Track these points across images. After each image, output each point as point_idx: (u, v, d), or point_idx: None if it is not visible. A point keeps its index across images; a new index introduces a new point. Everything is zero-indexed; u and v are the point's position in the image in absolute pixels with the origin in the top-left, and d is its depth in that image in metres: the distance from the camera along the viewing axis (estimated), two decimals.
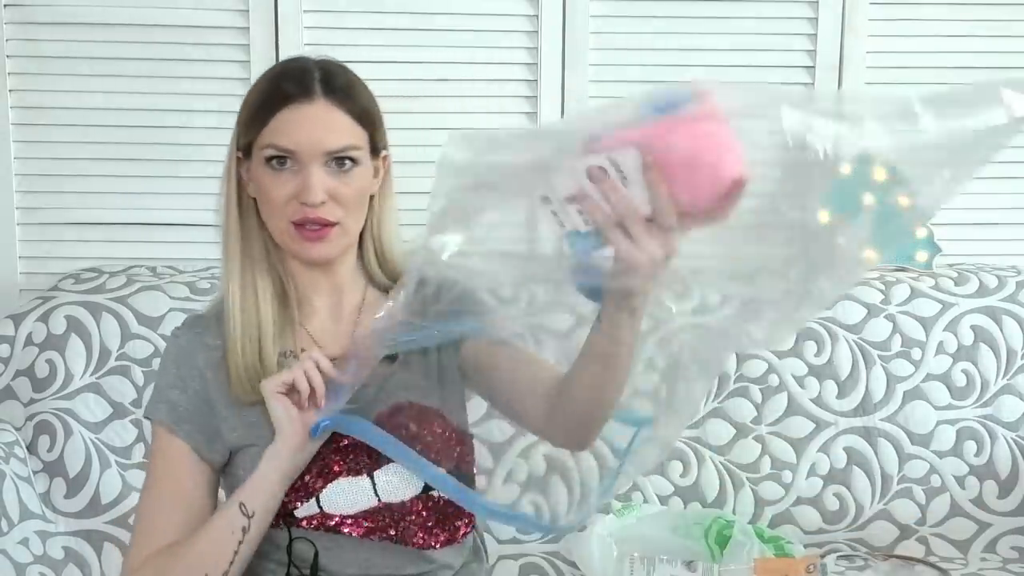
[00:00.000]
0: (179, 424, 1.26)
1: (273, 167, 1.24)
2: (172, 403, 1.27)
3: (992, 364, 2.00)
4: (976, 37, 2.18)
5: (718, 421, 1.95)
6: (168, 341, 1.34)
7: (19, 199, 2.10)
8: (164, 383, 1.29)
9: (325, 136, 1.24)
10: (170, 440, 1.27)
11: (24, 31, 2.05)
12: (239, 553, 1.20)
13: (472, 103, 2.13)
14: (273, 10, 2.06)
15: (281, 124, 1.23)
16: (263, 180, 1.25)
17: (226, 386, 1.27)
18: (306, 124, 1.23)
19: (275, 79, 1.27)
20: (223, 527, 1.21)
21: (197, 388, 1.28)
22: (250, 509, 1.20)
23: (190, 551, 1.20)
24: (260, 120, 1.25)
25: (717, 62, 2.15)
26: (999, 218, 2.24)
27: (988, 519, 1.94)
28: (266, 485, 1.21)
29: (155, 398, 1.30)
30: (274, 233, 1.29)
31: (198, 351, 1.29)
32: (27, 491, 1.73)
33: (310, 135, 1.23)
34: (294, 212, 1.24)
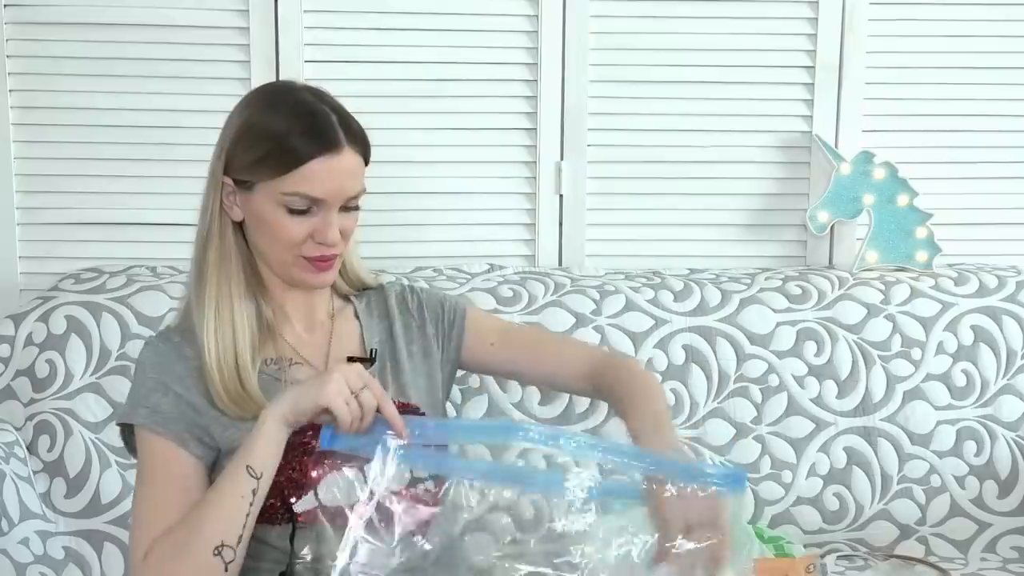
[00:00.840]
0: (164, 424, 1.27)
1: (293, 212, 1.28)
2: (153, 406, 1.28)
3: (992, 364, 2.00)
4: (976, 37, 2.18)
5: (718, 421, 1.95)
6: (143, 351, 1.35)
7: (19, 199, 2.10)
8: (143, 389, 1.30)
9: (349, 184, 1.30)
10: (156, 440, 1.27)
11: (24, 31, 2.05)
12: (250, 515, 1.20)
13: (472, 103, 2.13)
14: (273, 10, 2.06)
15: (309, 176, 1.26)
16: (275, 219, 1.29)
17: (208, 394, 1.29)
18: (336, 176, 1.28)
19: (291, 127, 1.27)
20: (232, 493, 1.20)
21: (179, 391, 1.29)
22: (258, 470, 1.20)
23: (203, 523, 1.19)
24: (280, 167, 1.27)
25: (717, 62, 2.16)
26: (999, 218, 2.24)
27: (988, 519, 1.94)
28: (269, 445, 1.21)
29: (133, 403, 1.30)
30: (273, 263, 1.34)
31: (176, 360, 1.31)
32: (27, 491, 1.73)
33: (340, 185, 1.29)
34: (311, 249, 1.31)
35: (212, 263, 1.32)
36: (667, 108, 2.17)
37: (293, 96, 1.32)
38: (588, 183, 2.16)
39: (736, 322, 1.98)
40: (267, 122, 1.29)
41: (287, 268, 1.33)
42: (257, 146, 1.28)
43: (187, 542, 1.19)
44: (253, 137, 1.29)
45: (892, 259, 2.15)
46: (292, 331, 1.38)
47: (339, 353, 1.38)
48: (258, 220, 1.30)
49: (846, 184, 2.14)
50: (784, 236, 2.22)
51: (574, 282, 2.03)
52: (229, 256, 1.33)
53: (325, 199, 1.28)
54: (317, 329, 1.40)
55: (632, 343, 1.95)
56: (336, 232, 1.29)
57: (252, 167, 1.29)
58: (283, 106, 1.30)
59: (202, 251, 1.34)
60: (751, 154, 2.19)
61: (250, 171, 1.29)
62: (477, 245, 2.15)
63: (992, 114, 2.21)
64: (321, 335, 1.40)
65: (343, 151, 1.28)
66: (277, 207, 1.28)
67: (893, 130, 2.20)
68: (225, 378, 1.28)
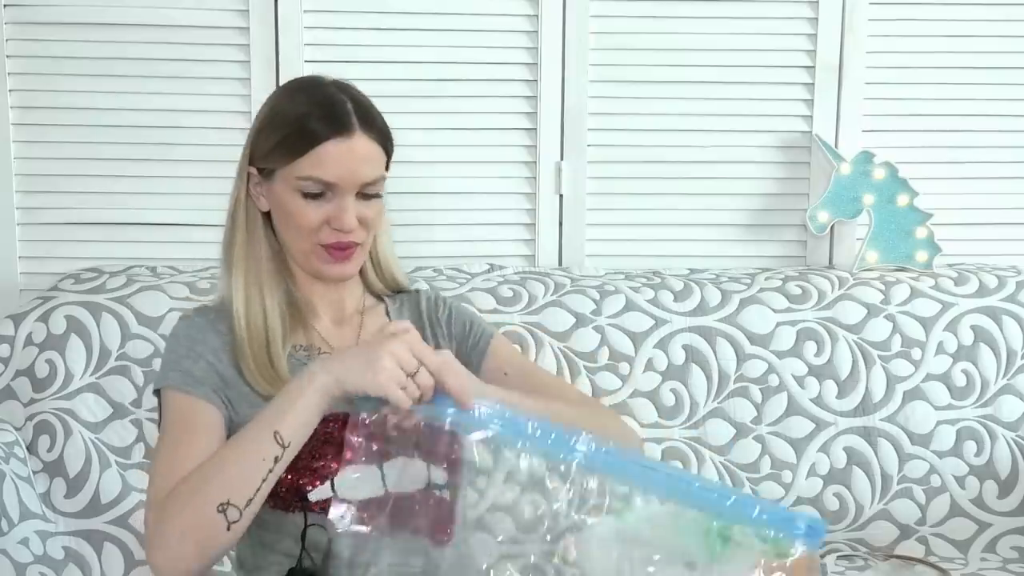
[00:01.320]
0: (195, 386, 1.27)
1: (308, 196, 1.30)
2: (185, 371, 1.28)
3: (992, 364, 2.00)
4: (976, 37, 2.18)
5: (718, 421, 1.95)
6: (177, 324, 1.36)
7: (19, 199, 2.10)
8: (175, 355, 1.30)
9: (363, 169, 1.31)
10: (185, 399, 1.26)
11: (24, 31, 2.05)
12: (266, 481, 1.15)
13: (472, 103, 2.13)
14: (273, 10, 2.06)
15: (323, 158, 1.28)
16: (292, 205, 1.31)
17: (239, 368, 1.30)
18: (348, 159, 1.29)
19: (309, 112, 1.30)
20: (253, 454, 1.15)
21: (211, 360, 1.30)
22: (286, 439, 1.16)
23: (214, 476, 1.15)
24: (295, 151, 1.29)
25: (717, 62, 2.16)
26: (999, 218, 2.24)
27: (988, 519, 1.94)
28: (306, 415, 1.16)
29: (165, 368, 1.30)
30: (295, 252, 1.35)
31: (209, 332, 1.32)
32: (27, 491, 1.73)
33: (351, 169, 1.29)
34: (327, 236, 1.31)
35: (239, 252, 1.35)
36: (667, 108, 2.17)
37: (316, 87, 1.35)
38: (588, 183, 2.16)
39: (736, 322, 1.98)
40: (287, 109, 1.32)
41: (307, 258, 1.34)
42: (276, 132, 1.31)
43: (194, 491, 1.14)
44: (273, 124, 1.33)
45: (892, 259, 2.15)
46: (321, 323, 1.39)
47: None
48: (278, 208, 1.33)
49: (846, 184, 2.14)
50: (784, 236, 2.22)
51: (574, 282, 2.03)
52: (257, 246, 1.35)
53: (337, 183, 1.29)
54: (346, 323, 1.41)
55: (632, 343, 1.95)
56: (351, 218, 1.30)
57: (271, 153, 1.31)
58: (304, 94, 1.33)
59: (230, 242, 1.37)
60: (751, 154, 2.19)
61: (270, 158, 1.32)
62: (477, 245, 2.15)
63: (992, 114, 2.21)
64: (350, 329, 1.41)
65: (355, 135, 1.29)
66: (293, 193, 1.30)
67: (893, 130, 2.20)
68: (256, 355, 1.29)
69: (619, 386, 1.93)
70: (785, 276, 2.08)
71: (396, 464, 1.28)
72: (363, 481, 1.25)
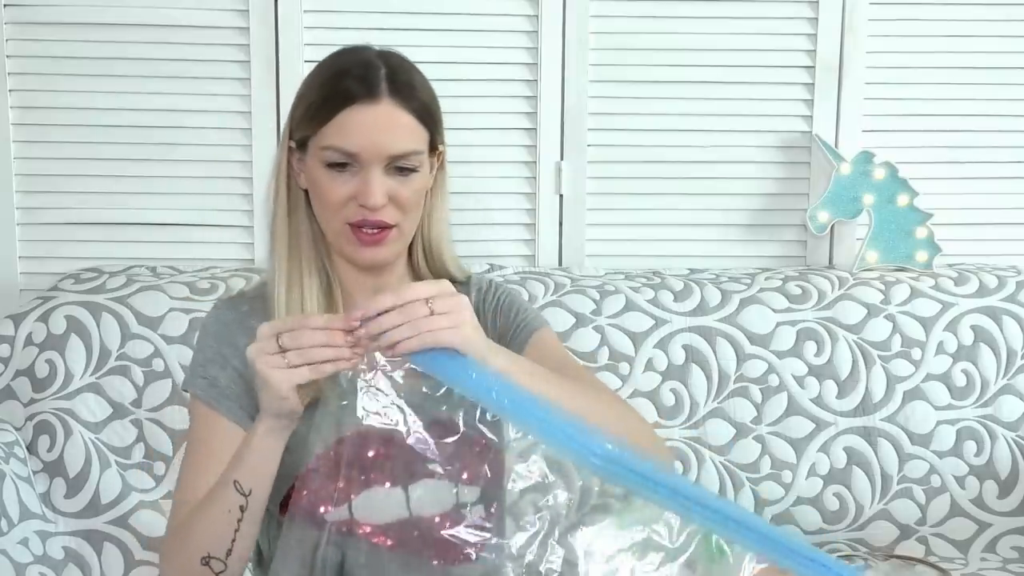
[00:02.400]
0: (219, 400, 1.24)
1: (332, 167, 1.21)
2: (211, 379, 1.25)
3: (992, 364, 2.00)
4: (976, 37, 2.18)
5: (718, 421, 1.94)
6: (209, 315, 1.31)
7: (19, 199, 2.10)
8: (203, 358, 1.27)
9: (389, 140, 1.20)
10: (207, 414, 1.24)
11: (24, 31, 2.05)
12: (240, 531, 1.14)
13: (472, 103, 2.13)
14: (273, 10, 2.06)
15: (343, 124, 1.20)
16: (320, 179, 1.22)
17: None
18: (370, 126, 1.20)
19: (338, 74, 1.22)
20: (219, 508, 1.15)
21: (236, 366, 1.25)
22: (246, 487, 1.14)
23: (191, 532, 1.16)
24: (320, 117, 1.21)
25: (717, 62, 2.16)
26: (999, 218, 2.24)
27: (988, 519, 1.94)
28: (260, 459, 1.14)
29: (194, 372, 1.27)
30: (327, 231, 1.27)
31: (239, 331, 1.26)
32: (27, 491, 1.73)
33: (374, 138, 1.20)
34: (353, 213, 1.22)
35: (280, 233, 1.27)
36: (667, 108, 2.17)
37: (355, 52, 1.26)
38: (588, 183, 2.16)
39: (736, 322, 1.98)
40: (319, 75, 1.25)
41: (338, 239, 1.25)
42: (306, 101, 1.24)
43: (181, 545, 1.16)
44: (305, 93, 1.25)
45: (892, 259, 2.15)
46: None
47: None
48: (311, 184, 1.24)
49: (846, 184, 2.14)
50: (784, 236, 2.22)
51: (574, 282, 2.03)
52: (299, 227, 1.27)
53: (359, 153, 1.19)
54: None
55: (632, 343, 1.95)
56: (377, 194, 1.20)
57: (301, 124, 1.24)
58: (340, 58, 1.25)
59: (273, 221, 1.29)
60: (751, 154, 2.19)
61: (302, 125, 1.24)
62: (477, 245, 2.15)
63: (992, 114, 2.21)
64: None
65: (379, 101, 1.20)
66: (320, 165, 1.21)
67: (893, 130, 2.20)
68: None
69: (619, 386, 1.93)
70: (785, 276, 2.08)
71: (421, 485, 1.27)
72: (386, 503, 1.22)
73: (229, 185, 2.11)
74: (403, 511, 1.23)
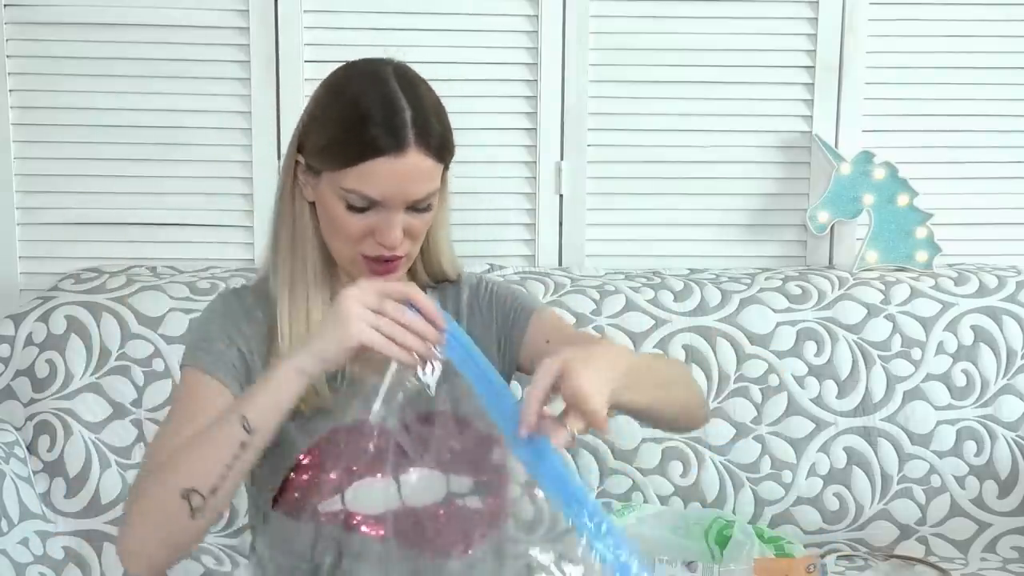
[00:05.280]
0: (227, 372, 1.23)
1: (351, 206, 1.22)
2: (217, 353, 1.24)
3: (992, 364, 2.00)
4: (976, 37, 2.18)
5: (718, 421, 1.94)
6: (215, 301, 1.32)
7: (19, 199, 2.09)
8: (208, 334, 1.26)
9: (413, 188, 1.22)
10: (207, 382, 1.22)
11: (24, 31, 2.05)
12: (232, 469, 1.10)
13: (472, 103, 2.13)
14: (273, 10, 2.06)
15: (370, 174, 1.19)
16: (336, 212, 1.23)
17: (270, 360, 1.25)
18: (397, 177, 1.20)
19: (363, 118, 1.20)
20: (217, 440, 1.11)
21: (241, 347, 1.25)
22: (252, 424, 1.10)
23: (180, 462, 1.11)
24: (342, 160, 1.20)
25: (717, 62, 2.15)
26: (999, 218, 2.24)
27: (988, 519, 1.94)
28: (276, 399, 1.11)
29: (196, 347, 1.25)
30: (336, 254, 1.28)
31: (244, 318, 1.28)
32: (27, 491, 1.73)
33: (401, 188, 1.21)
34: (369, 248, 1.24)
35: (285, 244, 1.28)
36: (667, 108, 2.17)
37: (377, 81, 1.23)
38: (588, 183, 2.16)
39: (736, 322, 1.98)
40: (343, 106, 1.22)
41: (345, 263, 1.27)
42: (324, 132, 1.23)
43: (162, 474, 1.12)
44: (324, 120, 1.24)
45: (892, 259, 2.15)
46: None
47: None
48: (323, 208, 1.25)
49: (846, 184, 2.14)
50: (784, 236, 2.22)
51: (574, 282, 2.03)
52: (304, 237, 1.27)
53: (383, 201, 1.21)
54: None
55: (632, 343, 1.95)
56: (396, 234, 1.22)
57: (318, 154, 1.23)
58: (365, 92, 1.23)
59: (276, 230, 1.29)
60: (751, 154, 2.19)
61: (316, 157, 1.23)
62: (477, 245, 2.15)
63: (992, 114, 2.21)
64: None
65: (408, 152, 1.19)
66: (338, 201, 1.22)
67: (893, 130, 2.20)
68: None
69: None
70: (785, 276, 2.08)
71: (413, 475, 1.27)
72: (378, 493, 1.24)
73: (229, 185, 2.11)
74: (395, 501, 1.24)
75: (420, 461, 1.25)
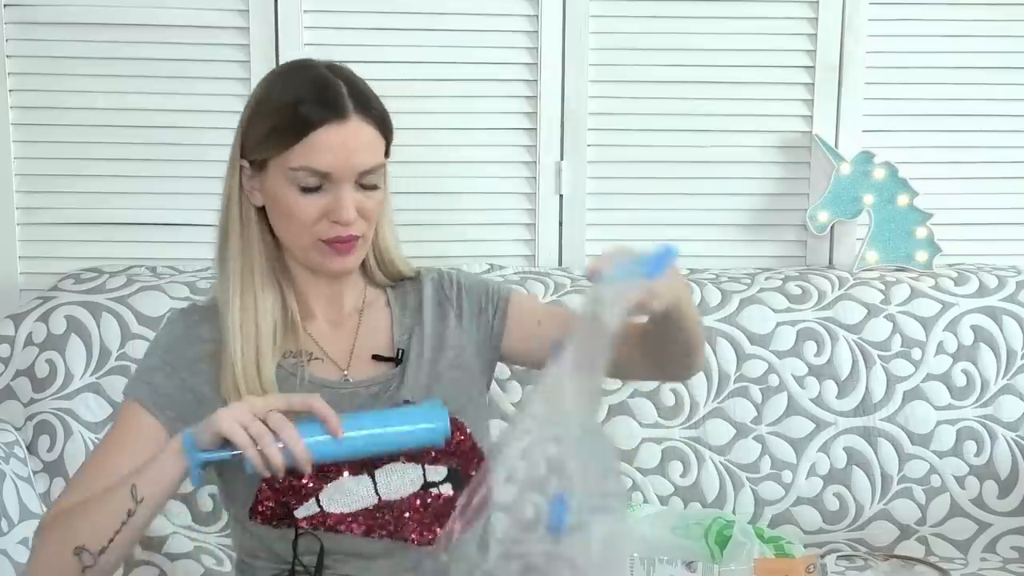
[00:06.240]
0: (160, 409, 1.24)
1: (304, 190, 1.22)
2: (155, 385, 1.26)
3: (992, 364, 2.00)
4: (976, 37, 2.18)
5: (718, 421, 1.95)
6: (162, 328, 1.33)
7: (19, 199, 2.10)
8: (149, 365, 1.28)
9: (359, 156, 1.22)
10: (142, 418, 1.24)
11: (24, 31, 2.05)
12: (120, 533, 1.14)
13: (472, 103, 2.13)
14: (273, 10, 2.06)
15: (314, 145, 1.20)
16: (288, 199, 1.23)
17: (217, 381, 1.25)
18: (341, 145, 1.21)
19: (300, 96, 1.22)
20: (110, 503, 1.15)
21: (184, 377, 1.26)
22: (139, 494, 1.13)
23: (76, 518, 1.16)
24: (286, 139, 1.21)
25: (717, 62, 2.16)
26: (999, 218, 2.24)
27: (988, 519, 1.94)
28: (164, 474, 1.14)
29: (137, 378, 1.28)
30: (293, 248, 1.28)
31: (189, 343, 1.28)
32: (27, 491, 1.73)
33: (347, 157, 1.21)
34: (325, 230, 1.24)
35: (234, 252, 1.28)
36: (667, 108, 2.17)
37: (306, 69, 1.27)
38: (588, 183, 2.16)
39: (736, 322, 1.98)
40: (276, 94, 1.25)
41: (306, 253, 1.26)
42: (266, 119, 1.23)
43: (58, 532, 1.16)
44: (263, 111, 1.25)
45: (892, 259, 2.15)
46: (315, 325, 1.33)
47: (363, 350, 1.33)
48: (273, 202, 1.25)
49: (846, 184, 2.14)
50: (784, 236, 2.22)
51: (574, 282, 2.03)
52: (251, 244, 1.28)
53: (332, 172, 1.21)
54: (343, 323, 1.34)
55: None
56: (351, 210, 1.22)
57: (263, 142, 1.24)
58: (294, 78, 1.25)
59: (224, 239, 1.29)
60: (751, 154, 2.19)
61: (261, 147, 1.24)
62: (477, 245, 2.15)
63: (992, 114, 2.21)
64: (346, 330, 1.34)
65: (349, 120, 1.21)
66: (289, 185, 1.22)
67: (893, 130, 2.20)
68: (243, 369, 1.24)
69: (619, 386, 1.93)
70: (785, 276, 2.08)
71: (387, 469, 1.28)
72: (353, 491, 1.25)
73: None
74: (372, 497, 1.25)
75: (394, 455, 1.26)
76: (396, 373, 1.32)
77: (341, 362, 1.32)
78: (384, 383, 1.30)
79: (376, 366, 1.32)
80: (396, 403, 1.28)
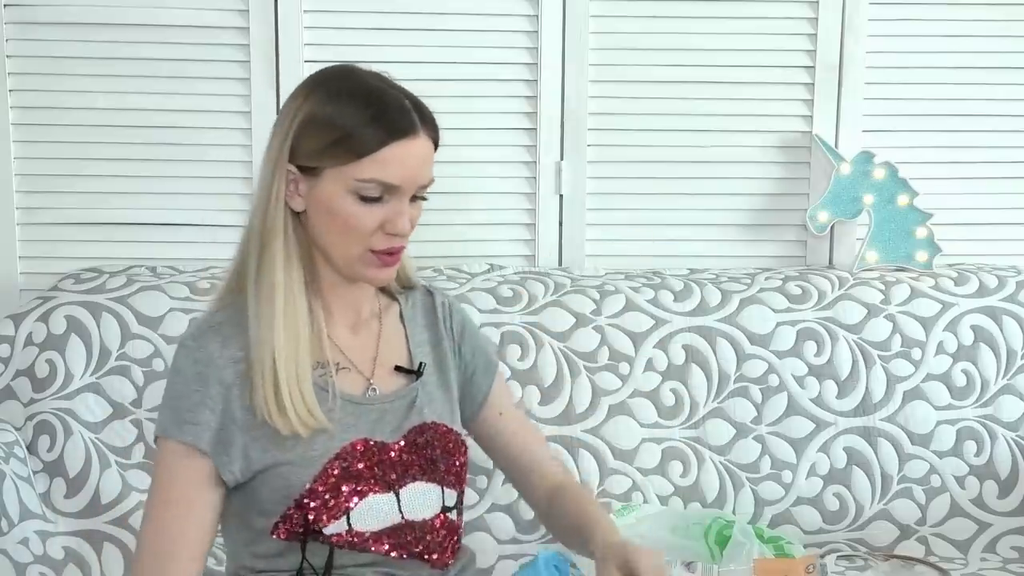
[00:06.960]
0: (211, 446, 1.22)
1: (365, 200, 1.23)
2: (202, 425, 1.22)
3: (992, 364, 2.00)
4: (976, 37, 2.18)
5: (718, 421, 1.94)
6: (189, 351, 1.25)
7: (19, 199, 2.10)
8: (190, 402, 1.23)
9: (424, 171, 1.26)
10: (194, 460, 1.22)
11: (24, 31, 2.05)
12: None
13: (472, 103, 2.13)
14: (273, 10, 2.06)
15: (388, 159, 1.22)
16: (347, 208, 1.23)
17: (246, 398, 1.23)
18: (413, 160, 1.24)
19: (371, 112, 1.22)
20: None
21: (223, 407, 1.23)
22: None
23: None
24: (356, 151, 1.21)
25: (717, 62, 2.16)
26: (999, 218, 2.24)
27: (988, 519, 1.94)
28: None
29: (178, 417, 1.23)
30: (338, 256, 1.26)
31: (225, 365, 1.24)
32: (27, 491, 1.73)
33: (414, 171, 1.24)
34: (380, 241, 1.25)
35: (277, 261, 1.24)
36: (667, 108, 2.17)
37: (368, 76, 1.28)
38: (588, 183, 2.16)
39: (736, 322, 1.98)
40: (339, 107, 1.23)
41: (351, 263, 1.26)
42: (329, 131, 1.22)
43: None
44: (324, 123, 1.23)
45: (892, 259, 2.15)
46: (337, 331, 1.32)
47: (386, 358, 1.34)
48: (325, 209, 1.24)
49: (846, 184, 2.14)
50: (784, 236, 2.22)
51: (574, 282, 2.03)
52: (293, 252, 1.26)
53: (400, 186, 1.23)
54: (362, 330, 1.34)
55: (632, 343, 1.95)
56: (407, 221, 1.25)
57: (322, 152, 1.22)
58: (352, 91, 1.25)
59: (265, 245, 1.25)
60: (751, 154, 2.19)
61: (319, 157, 1.22)
62: (477, 245, 2.15)
63: (992, 114, 2.21)
64: (367, 336, 1.34)
65: (418, 136, 1.24)
66: (347, 194, 1.22)
67: (893, 130, 2.20)
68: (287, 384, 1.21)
69: (619, 386, 1.93)
70: (785, 276, 2.08)
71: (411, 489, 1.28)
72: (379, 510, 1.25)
73: (229, 185, 2.11)
74: (396, 515, 1.25)
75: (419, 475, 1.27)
76: (416, 386, 1.34)
77: (366, 371, 1.33)
78: (405, 396, 1.33)
79: (397, 378, 1.34)
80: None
